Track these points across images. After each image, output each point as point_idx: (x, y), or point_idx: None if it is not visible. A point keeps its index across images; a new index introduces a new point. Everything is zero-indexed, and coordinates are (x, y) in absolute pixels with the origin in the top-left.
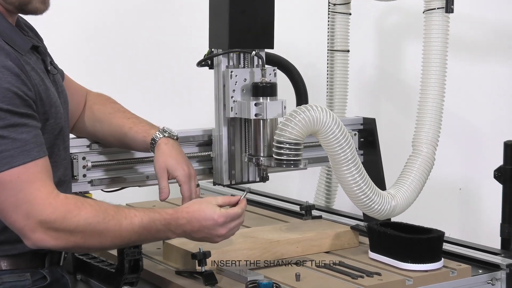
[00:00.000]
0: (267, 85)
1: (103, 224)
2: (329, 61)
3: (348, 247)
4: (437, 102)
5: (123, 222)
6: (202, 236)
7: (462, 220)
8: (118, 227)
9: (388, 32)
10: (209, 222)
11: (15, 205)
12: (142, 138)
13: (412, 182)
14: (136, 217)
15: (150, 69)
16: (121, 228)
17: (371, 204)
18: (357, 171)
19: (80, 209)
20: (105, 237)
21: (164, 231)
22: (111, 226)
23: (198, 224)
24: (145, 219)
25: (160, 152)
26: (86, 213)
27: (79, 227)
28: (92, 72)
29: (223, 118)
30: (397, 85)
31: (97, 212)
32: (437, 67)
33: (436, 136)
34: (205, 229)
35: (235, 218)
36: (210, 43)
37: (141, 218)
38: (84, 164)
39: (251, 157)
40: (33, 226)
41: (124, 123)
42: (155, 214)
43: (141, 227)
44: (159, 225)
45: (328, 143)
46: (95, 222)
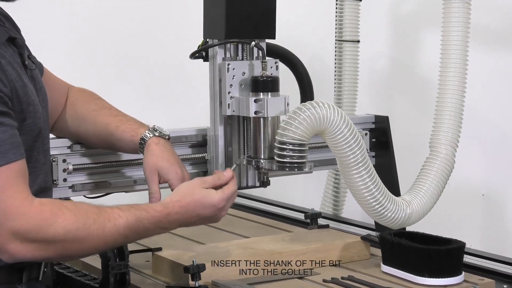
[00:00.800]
0: (268, 79)
1: (83, 230)
2: (337, 52)
3: (358, 259)
4: (458, 98)
5: (107, 225)
6: (200, 223)
7: (485, 229)
8: (101, 231)
9: (403, 20)
10: (208, 210)
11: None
12: (130, 138)
13: (429, 187)
14: (120, 218)
15: (138, 62)
16: (105, 232)
17: (384, 211)
18: (368, 175)
19: (57, 216)
20: (87, 243)
21: (153, 229)
22: (93, 231)
23: (195, 214)
24: (131, 219)
25: (150, 153)
26: (64, 220)
27: (58, 236)
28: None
29: (219, 116)
30: (412, 79)
31: (76, 218)
32: (458, 59)
33: (456, 136)
34: (204, 217)
35: (232, 195)
36: (204, 33)
37: (126, 219)
38: (65, 167)
39: (251, 159)
40: (8, 237)
41: (110, 121)
42: (142, 212)
43: (127, 229)
44: (147, 224)
45: (336, 144)
46: (75, 229)
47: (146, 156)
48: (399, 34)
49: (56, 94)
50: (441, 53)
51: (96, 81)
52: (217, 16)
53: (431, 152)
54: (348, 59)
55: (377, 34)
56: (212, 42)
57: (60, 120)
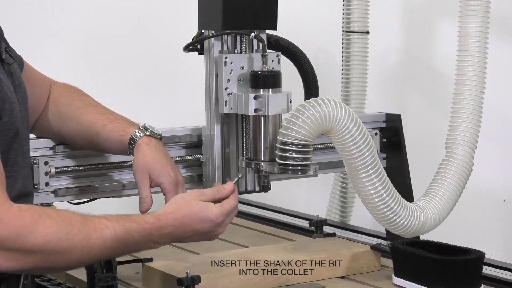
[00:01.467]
0: (269, 74)
1: (66, 240)
2: (344, 45)
3: (367, 271)
4: (476, 95)
5: (92, 237)
6: (196, 239)
7: (506, 238)
8: (86, 242)
9: (416, 9)
10: (205, 224)
11: None
12: (118, 138)
13: (445, 192)
14: (107, 229)
15: (127, 55)
16: (90, 244)
17: (395, 218)
18: (378, 179)
19: (37, 223)
20: (70, 255)
21: (144, 243)
22: (76, 242)
23: (191, 229)
24: (120, 231)
25: (140, 154)
26: (44, 228)
27: (37, 246)
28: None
29: (216, 115)
30: (427, 73)
31: (58, 226)
32: (476, 51)
33: (475, 136)
34: (200, 232)
35: (232, 211)
36: (199, 23)
37: (114, 230)
38: (47, 170)
39: (250, 161)
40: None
41: (96, 119)
42: (132, 224)
43: (115, 241)
44: (137, 237)
45: (343, 144)
46: (56, 238)
47: (136, 158)
48: (412, 25)
49: (37, 90)
50: (458, 45)
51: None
52: (214, 5)
53: (448, 153)
54: (356, 52)
55: (388, 25)
56: (208, 33)
57: (41, 118)
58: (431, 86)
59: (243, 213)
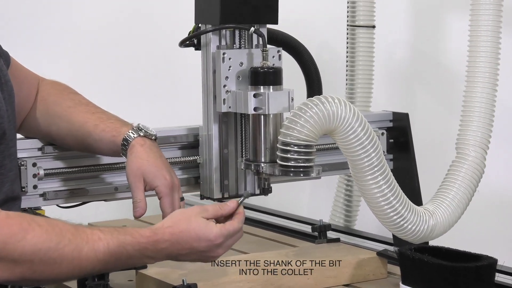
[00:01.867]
0: (269, 70)
1: (56, 251)
2: (349, 40)
3: (373, 278)
4: (488, 93)
5: (84, 248)
6: (192, 258)
7: None
8: (77, 254)
9: (425, 3)
10: (203, 243)
11: None
12: (110, 138)
13: (455, 196)
14: (100, 241)
15: (119, 50)
16: (81, 256)
17: (403, 223)
18: (385, 181)
19: (26, 231)
20: (59, 267)
21: (138, 258)
22: (67, 254)
23: (188, 246)
24: (113, 244)
25: (134, 156)
26: (33, 236)
27: (25, 255)
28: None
29: (213, 114)
30: (436, 70)
31: (48, 235)
32: (488, 47)
33: (487, 136)
34: (197, 252)
35: (234, 234)
36: (196, 17)
37: (107, 243)
38: (35, 172)
39: (249, 163)
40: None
41: (87, 119)
42: (126, 237)
43: (108, 255)
44: (131, 250)
45: (348, 145)
46: (46, 248)
47: (129, 159)
48: (421, 18)
49: (24, 88)
50: (469, 40)
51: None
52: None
53: (458, 154)
54: (362, 48)
55: (396, 18)
56: (205, 27)
57: (29, 118)
58: (441, 83)
59: None
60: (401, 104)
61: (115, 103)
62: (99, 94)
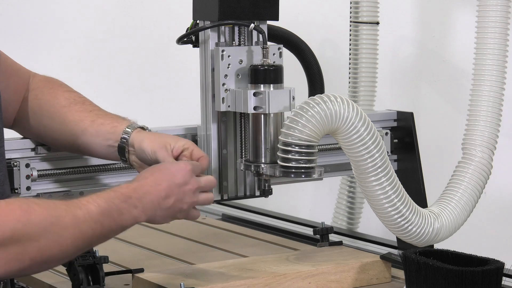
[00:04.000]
0: (270, 68)
1: (57, 224)
2: (352, 36)
3: (377, 282)
4: (496, 91)
5: (79, 214)
6: (171, 203)
7: None
8: (76, 221)
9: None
10: (178, 175)
11: None
12: (110, 129)
13: (461, 197)
14: (90, 204)
15: (115, 47)
16: (79, 222)
17: (407, 226)
18: (389, 183)
19: (29, 213)
20: (64, 239)
21: (127, 210)
22: (67, 223)
23: (166, 184)
24: (102, 202)
25: (145, 135)
26: (36, 216)
27: (33, 236)
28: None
29: (212, 113)
30: (442, 68)
31: (48, 212)
32: (496, 43)
33: (494, 136)
34: (175, 187)
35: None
36: (194, 13)
37: (97, 204)
38: (28, 173)
39: (249, 164)
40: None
41: (83, 117)
42: (111, 193)
43: (101, 214)
44: (119, 203)
45: (350, 145)
46: (49, 224)
47: (143, 139)
48: (426, 14)
49: (13, 83)
50: (476, 36)
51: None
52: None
53: (464, 155)
54: (365, 45)
55: (400, 15)
56: (204, 24)
57: (21, 117)
58: (447, 81)
59: (241, 220)
60: (405, 103)
61: (111, 101)
62: (94, 92)
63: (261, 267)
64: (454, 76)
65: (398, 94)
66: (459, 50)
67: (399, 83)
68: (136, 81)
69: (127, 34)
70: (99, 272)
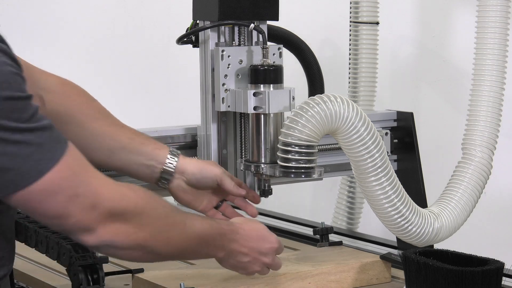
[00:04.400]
0: (269, 68)
1: (171, 217)
2: (352, 36)
3: (377, 282)
4: (496, 91)
5: (187, 221)
6: (245, 261)
7: None
8: (183, 224)
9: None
10: (266, 245)
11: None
12: (153, 151)
13: (461, 197)
14: (195, 220)
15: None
16: (186, 227)
17: (407, 226)
18: (388, 183)
19: (152, 197)
20: (172, 234)
21: (219, 243)
22: (178, 221)
23: (254, 244)
24: (205, 223)
25: (188, 161)
26: (156, 202)
27: (150, 219)
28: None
29: (212, 113)
30: (442, 68)
31: (163, 202)
32: (496, 43)
33: (494, 136)
34: (254, 252)
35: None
36: (194, 13)
37: (200, 222)
38: None
39: (249, 164)
40: (101, 217)
41: (119, 133)
42: (212, 221)
43: (201, 231)
44: (216, 234)
45: (350, 145)
46: (164, 214)
47: (201, 164)
48: (426, 14)
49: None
50: (476, 36)
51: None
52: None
53: (464, 155)
54: (365, 45)
55: (400, 14)
56: (203, 24)
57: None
58: (447, 81)
59: None
60: (405, 103)
61: (111, 101)
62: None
63: None
64: (454, 76)
65: (398, 94)
66: (459, 50)
67: (399, 83)
68: (136, 81)
69: (127, 34)
70: (99, 272)
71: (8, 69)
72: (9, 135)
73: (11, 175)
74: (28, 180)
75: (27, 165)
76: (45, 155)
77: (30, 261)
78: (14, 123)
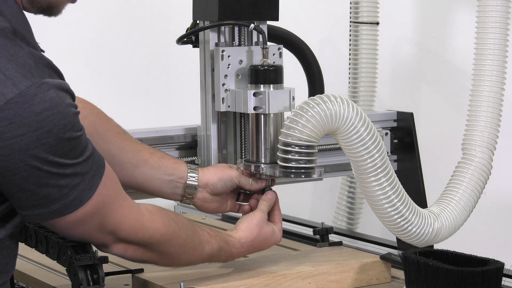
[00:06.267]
0: (269, 68)
1: (180, 247)
2: (352, 37)
3: (377, 282)
4: (496, 91)
5: (197, 248)
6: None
7: None
8: (192, 251)
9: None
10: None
11: (96, 230)
12: (173, 165)
13: (461, 198)
14: (208, 245)
15: (114, 47)
16: (194, 253)
17: (407, 226)
18: (388, 183)
19: (174, 231)
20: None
21: (222, 260)
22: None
23: (257, 250)
24: (215, 248)
25: (206, 170)
26: (173, 229)
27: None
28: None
29: (212, 113)
30: (442, 68)
31: (180, 233)
32: (496, 44)
33: (494, 137)
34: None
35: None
36: (194, 13)
37: (211, 247)
38: None
39: (249, 164)
40: (116, 240)
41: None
42: (224, 245)
43: (208, 256)
44: (223, 257)
45: (350, 145)
46: (183, 242)
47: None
48: (426, 15)
49: None
50: (476, 36)
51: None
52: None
53: (464, 155)
54: (365, 45)
55: (400, 15)
56: (203, 24)
57: None
58: (447, 81)
59: None
60: (405, 103)
61: (111, 101)
62: (94, 92)
63: (261, 267)
64: (454, 76)
65: (398, 94)
66: (459, 50)
67: (399, 84)
68: (136, 81)
69: (127, 34)
70: (99, 272)
71: (72, 111)
72: (64, 170)
73: (58, 205)
74: (70, 210)
75: (72, 195)
76: (87, 185)
77: (30, 261)
78: (70, 160)
